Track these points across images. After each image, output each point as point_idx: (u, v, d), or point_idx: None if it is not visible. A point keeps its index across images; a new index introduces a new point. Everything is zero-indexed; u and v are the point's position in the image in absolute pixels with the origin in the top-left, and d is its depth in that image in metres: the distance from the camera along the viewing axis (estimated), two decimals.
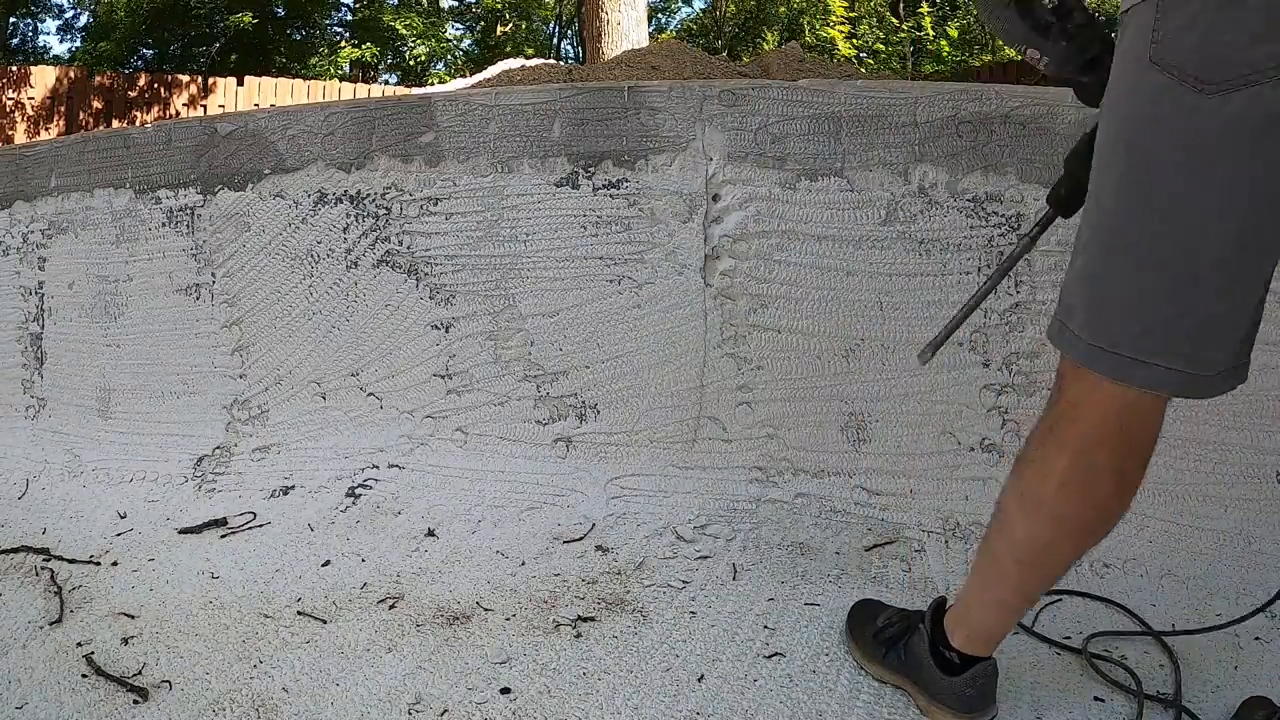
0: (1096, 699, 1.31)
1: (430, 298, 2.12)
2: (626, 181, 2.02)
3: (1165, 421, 1.04)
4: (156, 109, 10.13)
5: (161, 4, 13.83)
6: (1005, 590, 1.18)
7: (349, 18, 16.72)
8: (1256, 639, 1.47)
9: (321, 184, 2.19)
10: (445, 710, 1.31)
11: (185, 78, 10.69)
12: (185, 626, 1.57)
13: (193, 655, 1.48)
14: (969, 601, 1.24)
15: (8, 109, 9.23)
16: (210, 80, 10.47)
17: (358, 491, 2.05)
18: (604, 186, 2.03)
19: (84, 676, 1.43)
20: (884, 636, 1.36)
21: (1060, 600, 1.57)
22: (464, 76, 11.87)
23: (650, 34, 8.64)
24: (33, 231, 2.48)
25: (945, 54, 13.90)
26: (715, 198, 1.98)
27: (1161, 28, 0.88)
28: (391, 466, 2.08)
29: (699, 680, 1.37)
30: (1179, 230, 0.91)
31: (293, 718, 1.31)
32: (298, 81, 10.91)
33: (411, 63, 16.14)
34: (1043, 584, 1.16)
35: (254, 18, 13.79)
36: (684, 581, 1.66)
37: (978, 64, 12.84)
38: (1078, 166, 1.17)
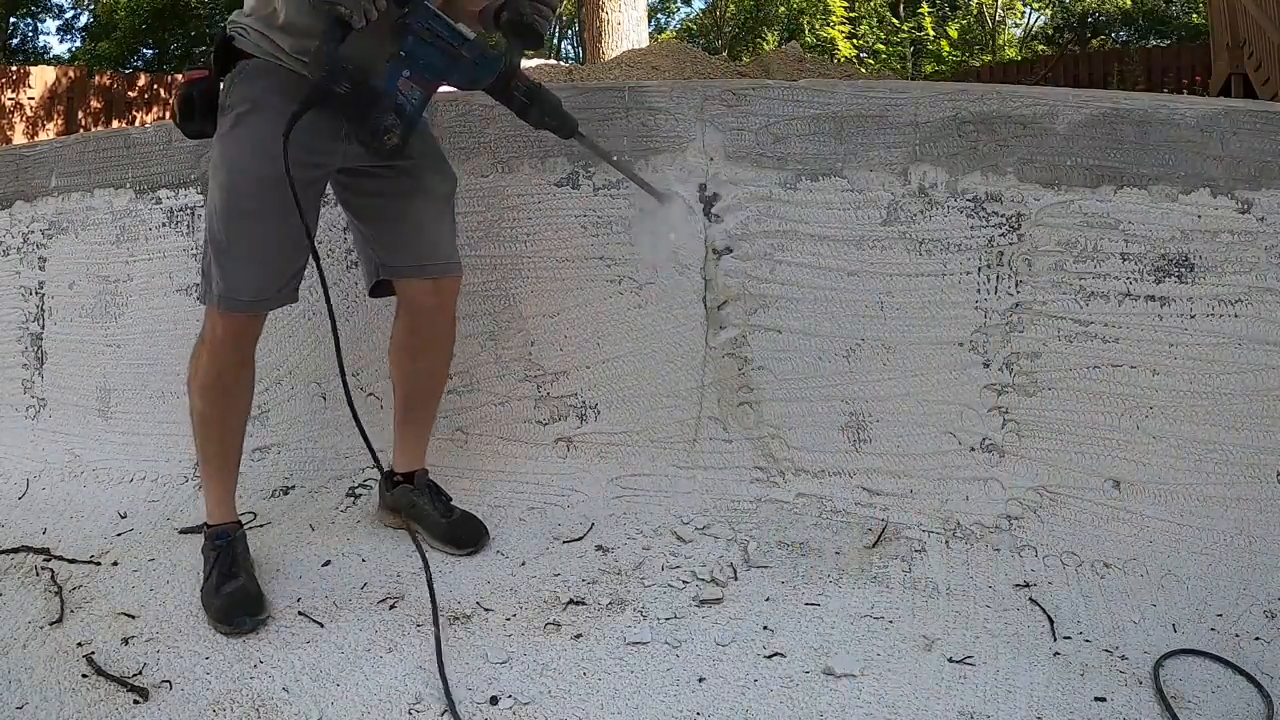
0: (1097, 699, 1.31)
1: None
2: (627, 181, 2.02)
3: (1166, 421, 1.04)
4: (156, 109, 10.13)
5: (161, 4, 13.82)
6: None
7: None
8: (1257, 639, 1.47)
9: None
10: (445, 710, 1.32)
11: None
12: (185, 626, 1.57)
13: (193, 655, 1.48)
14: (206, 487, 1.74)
15: (8, 109, 9.23)
16: None
17: (358, 491, 2.05)
18: (604, 186, 2.03)
19: (84, 676, 1.43)
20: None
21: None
22: None
23: (650, 34, 8.63)
24: (33, 231, 2.48)
25: (945, 54, 13.90)
26: (716, 197, 1.98)
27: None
28: None
29: (699, 681, 1.37)
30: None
31: (293, 718, 1.31)
32: None
33: None
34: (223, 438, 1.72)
35: None
36: (684, 581, 1.66)
37: (978, 64, 12.85)
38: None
